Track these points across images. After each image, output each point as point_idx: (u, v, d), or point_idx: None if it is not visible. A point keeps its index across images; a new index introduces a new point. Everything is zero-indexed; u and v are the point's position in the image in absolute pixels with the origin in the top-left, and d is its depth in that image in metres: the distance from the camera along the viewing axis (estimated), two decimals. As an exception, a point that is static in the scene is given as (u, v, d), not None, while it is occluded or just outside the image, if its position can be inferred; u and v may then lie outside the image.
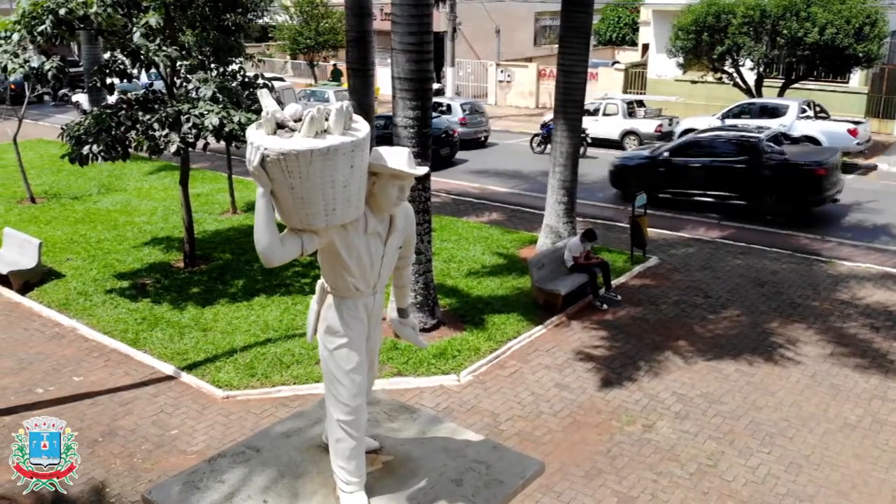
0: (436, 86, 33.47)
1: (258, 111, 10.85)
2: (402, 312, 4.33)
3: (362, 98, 14.87)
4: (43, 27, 9.07)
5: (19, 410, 8.63)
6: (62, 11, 8.92)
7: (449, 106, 24.32)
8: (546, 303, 11.14)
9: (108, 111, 10.43)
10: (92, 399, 8.96)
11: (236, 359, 9.62)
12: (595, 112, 23.75)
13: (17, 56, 9.28)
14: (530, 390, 8.97)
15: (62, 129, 10.66)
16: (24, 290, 12.03)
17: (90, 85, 10.75)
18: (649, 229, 13.64)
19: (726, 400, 8.70)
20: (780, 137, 17.16)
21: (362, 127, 3.55)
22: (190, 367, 9.56)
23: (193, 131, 10.08)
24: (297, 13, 35.00)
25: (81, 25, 9.56)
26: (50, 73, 9.48)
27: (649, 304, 11.45)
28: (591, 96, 27.21)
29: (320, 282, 3.90)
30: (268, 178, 3.43)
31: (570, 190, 12.72)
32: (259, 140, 3.39)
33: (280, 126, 3.48)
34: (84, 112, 20.33)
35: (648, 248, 13.43)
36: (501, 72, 33.43)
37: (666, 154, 16.97)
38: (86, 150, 9.81)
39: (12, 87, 31.09)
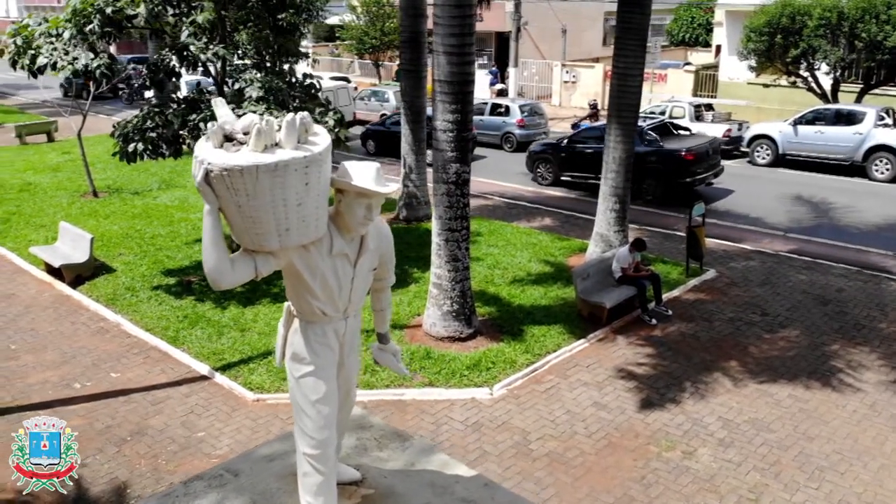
0: (498, 86, 33.18)
1: (304, 110, 10.77)
2: (381, 338, 4.06)
3: (414, 99, 14.74)
4: (91, 25, 9.17)
5: (55, 405, 8.74)
6: (109, 10, 9.00)
7: (507, 107, 23.93)
8: (590, 315, 10.70)
9: (156, 110, 10.51)
10: (126, 396, 9.01)
11: (270, 361, 9.53)
12: (661, 115, 22.98)
13: (66, 53, 9.40)
14: (566, 408, 8.59)
15: (113, 126, 10.81)
16: (75, 284, 12.27)
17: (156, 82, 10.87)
18: (708, 239, 13.01)
19: (775, 427, 8.13)
20: (669, 127, 18.94)
21: (321, 141, 3.27)
22: (224, 368, 9.53)
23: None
24: (363, 13, 35.15)
25: (129, 24, 9.64)
26: (98, 72, 9.59)
27: (702, 320, 10.88)
28: (658, 99, 26.43)
29: (287, 304, 3.66)
30: (213, 195, 3.20)
31: (622, 197, 12.22)
32: (203, 153, 3.15)
33: (228, 139, 3.22)
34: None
35: (706, 260, 12.80)
36: (567, 72, 32.81)
37: (565, 141, 19.22)
38: (131, 147, 9.89)
39: (87, 81, 32.26)
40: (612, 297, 10.70)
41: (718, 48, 32.28)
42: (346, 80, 31.43)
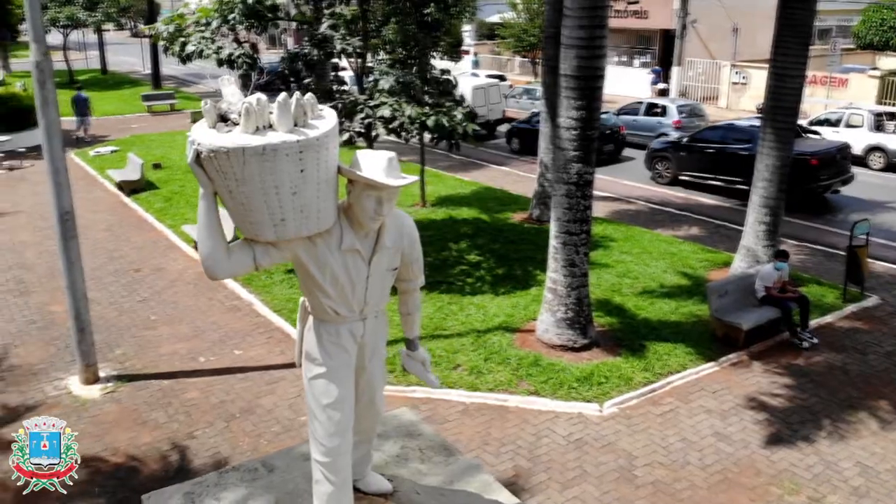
0: (660, 86, 31.77)
1: (435, 105, 10.68)
2: (409, 344, 3.76)
3: (554, 97, 14.25)
4: (233, 16, 9.55)
5: (179, 377, 9.18)
6: (250, 1, 9.31)
7: (664, 108, 22.79)
8: (725, 337, 9.83)
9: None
10: (244, 374, 9.29)
11: (391, 350, 9.50)
12: (836, 123, 21.00)
13: (213, 42, 9.86)
14: (682, 435, 7.89)
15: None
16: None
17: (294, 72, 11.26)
18: (872, 261, 11.62)
19: (927, 485, 7.04)
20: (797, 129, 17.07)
21: (323, 124, 2.99)
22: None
23: (366, 122, 10.10)
24: (523, 10, 34.86)
25: (270, 15, 9.94)
26: (240, 61, 9.97)
27: (855, 351, 9.70)
28: (836, 105, 24.18)
29: (302, 299, 3.44)
30: (207, 178, 3.01)
31: (775, 208, 11.15)
32: (195, 134, 2.97)
33: (223, 119, 3.01)
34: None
35: (868, 285, 11.44)
36: (736, 73, 30.81)
37: (686, 140, 18.53)
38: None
39: (266, 76, 34.22)
40: (751, 319, 9.76)
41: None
42: (501, 77, 31.27)
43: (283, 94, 2.93)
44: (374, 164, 3.13)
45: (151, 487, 4.95)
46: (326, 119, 3.07)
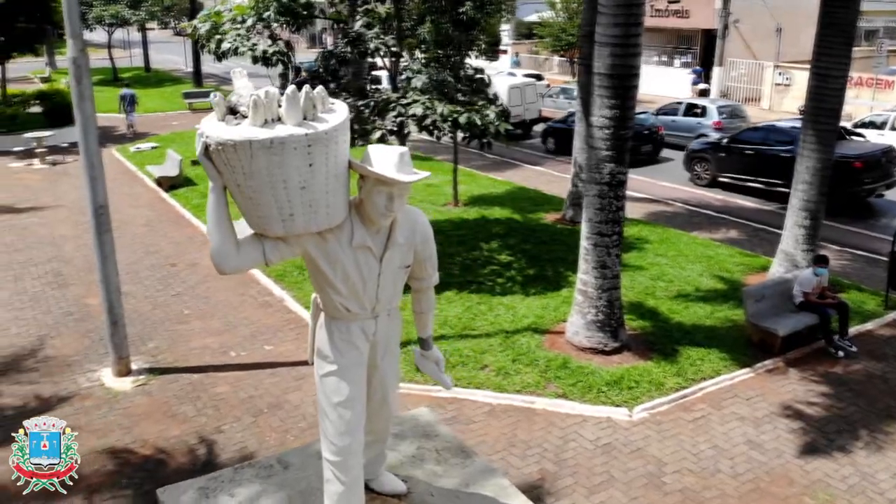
0: (701, 86, 31.27)
1: (467, 104, 10.62)
2: (423, 343, 3.69)
3: (587, 96, 14.08)
4: (268, 13, 9.61)
5: (209, 371, 9.26)
6: (284, -1, 9.38)
7: (704, 108, 22.41)
8: (761, 342, 9.60)
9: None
10: (273, 369, 9.34)
11: (407, 351, 9.44)
12: (881, 125, 20.46)
13: (248, 39, 9.94)
14: (713, 442, 7.72)
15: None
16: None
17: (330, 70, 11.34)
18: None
19: (970, 501, 6.78)
20: (841, 131, 16.19)
21: (333, 118, 2.93)
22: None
23: (398, 119, 10.09)
24: (562, 9, 34.60)
25: (305, 13, 9.99)
26: (275, 58, 10.04)
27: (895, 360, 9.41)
28: (881, 107, 23.54)
29: (314, 295, 3.40)
30: (216, 171, 2.98)
31: (815, 212, 10.86)
32: (204, 126, 2.94)
33: (232, 112, 2.98)
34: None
35: (912, 292, 11.09)
36: (780, 74, 30.19)
37: (726, 141, 18.16)
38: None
39: (305, 73, 34.52)
40: (788, 325, 9.52)
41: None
42: (539, 77, 31.10)
43: (291, 87, 2.89)
44: (385, 158, 3.08)
45: (177, 481, 4.98)
46: (337, 113, 3.02)
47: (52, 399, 8.36)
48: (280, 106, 2.93)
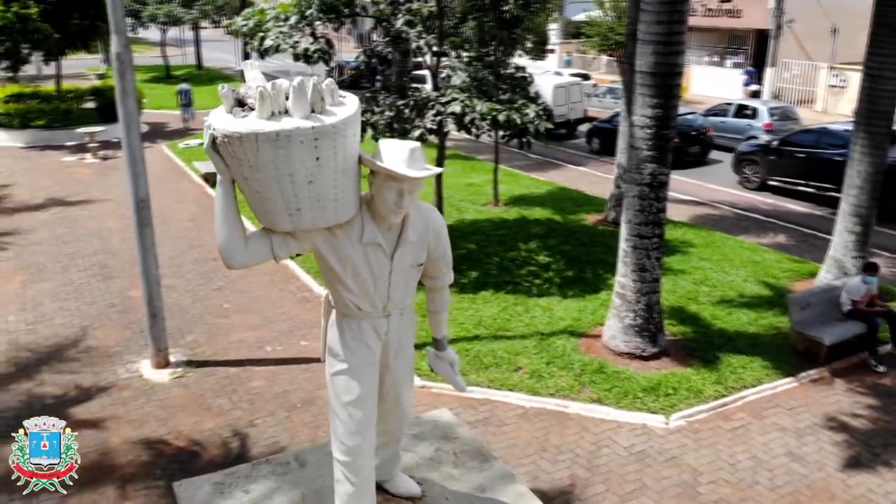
0: (753, 87, 30.58)
1: (507, 102, 10.52)
2: (437, 344, 3.61)
3: (631, 95, 13.86)
4: (310, 11, 9.66)
5: (246, 364, 9.35)
6: (326, -3, 9.41)
7: (755, 110, 21.91)
8: (806, 351, 9.31)
9: (367, 95, 10.85)
10: (307, 364, 9.38)
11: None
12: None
13: (290, 37, 10.00)
14: (752, 453, 7.50)
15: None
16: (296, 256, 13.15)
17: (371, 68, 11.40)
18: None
19: None
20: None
21: (342, 111, 2.86)
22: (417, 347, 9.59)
23: (437, 118, 10.04)
24: (610, 8, 34.19)
25: (346, 11, 10.01)
26: (316, 55, 10.08)
27: (950, 373, 9.02)
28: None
29: (326, 293, 3.35)
30: (223, 164, 2.95)
31: (865, 217, 10.50)
32: (212, 118, 2.91)
33: (240, 104, 2.94)
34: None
35: (970, 303, 10.63)
36: (835, 75, 29.33)
37: (776, 143, 17.73)
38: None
39: (350, 72, 34.74)
40: (835, 334, 9.20)
41: None
42: (585, 76, 30.78)
43: (298, 79, 2.85)
44: (396, 154, 3.01)
45: (209, 473, 5.01)
46: (347, 106, 2.97)
47: (91, 389, 8.52)
48: (287, 98, 2.89)
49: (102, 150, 21.16)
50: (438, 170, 3.21)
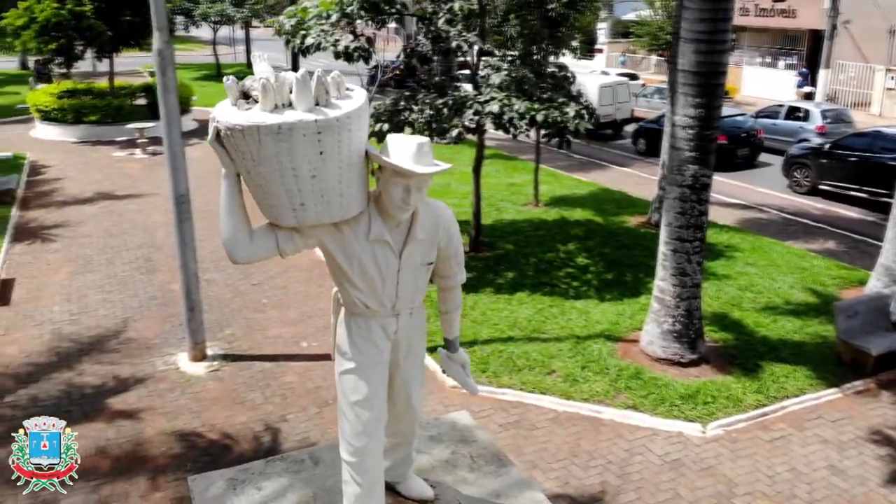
0: (807, 89, 29.80)
1: (547, 101, 10.40)
2: (449, 345, 3.52)
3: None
4: (351, 8, 9.67)
5: (280, 360, 9.41)
6: (367, -6, 9.41)
7: (807, 112, 21.31)
8: (853, 362, 9.00)
9: (406, 94, 10.83)
10: (341, 362, 9.40)
11: (474, 351, 9.35)
12: None
13: (331, 35, 10.03)
14: (791, 465, 7.26)
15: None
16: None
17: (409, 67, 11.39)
18: None
19: None
20: None
21: (347, 104, 2.79)
22: (430, 350, 9.55)
23: (475, 118, 9.97)
24: (660, 8, 33.67)
25: (387, 9, 10.00)
26: (356, 54, 10.10)
27: None
28: None
29: (334, 290, 3.29)
30: (228, 158, 2.90)
31: (920, 225, 10.10)
32: (216, 111, 2.87)
33: (245, 96, 2.88)
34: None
35: None
36: (892, 78, 28.39)
37: (828, 146, 17.29)
38: (377, 127, 10.31)
39: (396, 72, 34.84)
40: (883, 344, 8.88)
41: None
42: (633, 76, 30.36)
43: (302, 71, 2.80)
44: (403, 149, 2.95)
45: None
46: (353, 99, 2.91)
47: (129, 380, 8.67)
48: (291, 91, 2.85)
49: (151, 146, 21.56)
50: (447, 166, 3.14)
